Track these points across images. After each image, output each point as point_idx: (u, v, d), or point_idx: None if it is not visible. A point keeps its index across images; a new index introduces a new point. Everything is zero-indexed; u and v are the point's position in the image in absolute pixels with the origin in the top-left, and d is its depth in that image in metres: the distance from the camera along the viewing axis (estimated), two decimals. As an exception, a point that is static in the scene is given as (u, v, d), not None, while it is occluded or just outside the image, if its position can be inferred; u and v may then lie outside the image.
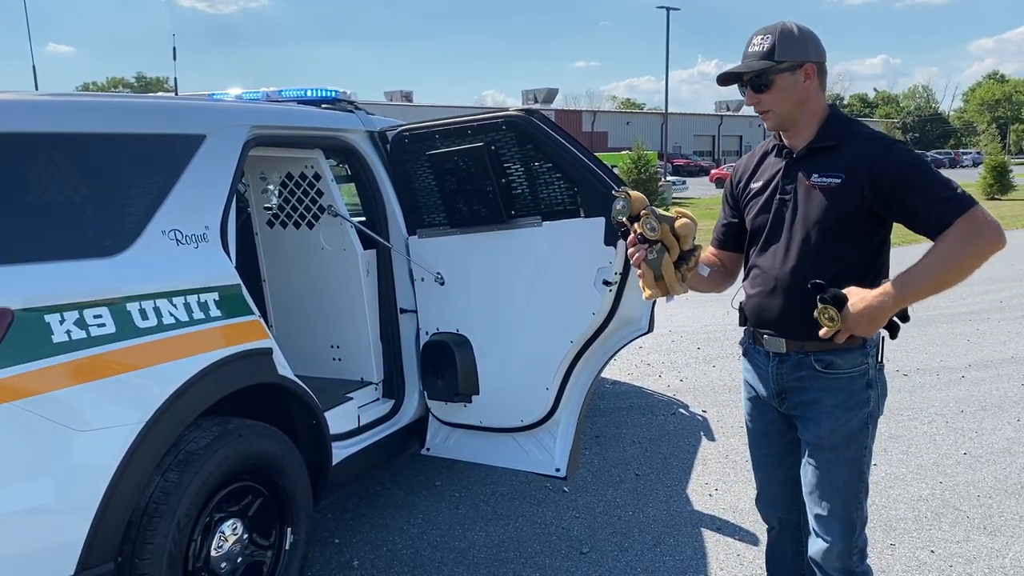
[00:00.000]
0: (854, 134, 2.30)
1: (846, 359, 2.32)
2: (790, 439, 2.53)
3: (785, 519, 2.68)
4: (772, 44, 2.27)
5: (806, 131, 2.35)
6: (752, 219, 2.45)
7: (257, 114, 3.31)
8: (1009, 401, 5.60)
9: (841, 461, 2.35)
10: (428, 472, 4.52)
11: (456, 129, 3.59)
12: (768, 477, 2.65)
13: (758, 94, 2.32)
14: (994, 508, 3.97)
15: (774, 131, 2.41)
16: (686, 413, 5.58)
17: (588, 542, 3.73)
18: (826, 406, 2.34)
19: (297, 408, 3.17)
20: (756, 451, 2.67)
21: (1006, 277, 10.84)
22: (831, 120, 2.35)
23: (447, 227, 3.75)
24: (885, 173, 2.18)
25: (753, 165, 2.52)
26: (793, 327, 2.34)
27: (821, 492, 2.38)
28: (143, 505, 2.48)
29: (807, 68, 2.29)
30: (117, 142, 2.70)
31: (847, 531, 2.37)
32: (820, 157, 2.31)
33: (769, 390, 2.48)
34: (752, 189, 2.48)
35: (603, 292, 3.39)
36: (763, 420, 2.58)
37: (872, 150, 2.22)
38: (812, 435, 2.38)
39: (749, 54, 2.32)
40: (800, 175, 2.32)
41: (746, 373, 2.60)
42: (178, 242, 2.74)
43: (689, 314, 8.58)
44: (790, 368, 2.39)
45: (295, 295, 4.18)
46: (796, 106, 2.31)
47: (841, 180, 2.24)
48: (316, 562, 3.56)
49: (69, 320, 2.32)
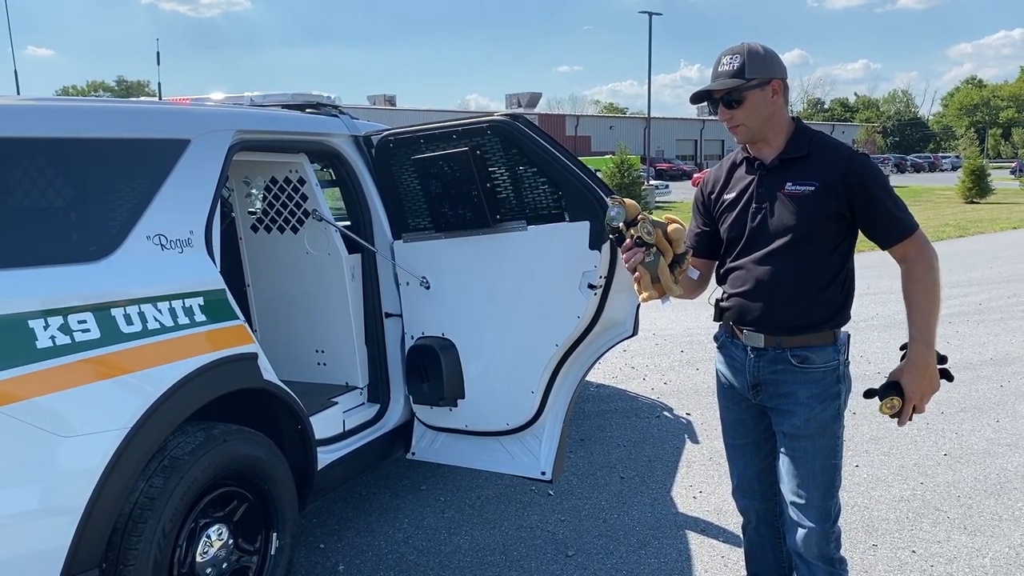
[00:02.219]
0: (821, 144, 2.46)
1: (820, 355, 2.47)
2: (764, 427, 2.65)
3: (762, 511, 2.77)
4: (742, 63, 2.41)
5: (775, 143, 2.49)
6: (728, 229, 2.57)
7: (241, 119, 3.30)
8: (988, 402, 5.66)
9: (816, 450, 2.48)
10: (414, 476, 4.52)
11: (441, 133, 3.60)
12: (745, 465, 2.75)
13: (730, 110, 2.45)
14: (974, 508, 4.02)
15: (743, 144, 2.54)
16: (670, 416, 5.60)
17: (574, 545, 3.74)
18: (801, 398, 2.47)
19: (282, 413, 3.17)
20: (731, 440, 2.77)
21: (984, 280, 10.96)
22: (799, 132, 2.50)
23: (432, 231, 3.76)
24: (856, 180, 2.36)
25: (724, 177, 2.65)
26: (772, 324, 2.48)
27: (799, 481, 2.50)
28: (128, 511, 2.47)
29: (774, 84, 2.44)
30: (102, 147, 2.69)
31: (823, 517, 2.49)
32: (792, 167, 2.45)
33: (744, 382, 2.60)
34: (725, 200, 2.59)
35: (588, 296, 3.41)
36: (737, 409, 2.70)
37: (842, 157, 2.40)
38: (789, 426, 2.50)
39: (720, 73, 2.45)
40: (774, 185, 2.46)
41: (720, 365, 2.73)
42: (163, 247, 2.73)
43: (673, 317, 8.62)
44: (767, 362, 2.52)
45: (280, 300, 4.17)
46: (765, 120, 2.45)
47: (815, 188, 2.39)
48: (302, 567, 3.55)
49: (54, 325, 2.31)
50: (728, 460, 2.83)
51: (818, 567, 2.51)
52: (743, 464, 2.75)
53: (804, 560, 2.53)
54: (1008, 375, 6.29)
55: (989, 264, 12.54)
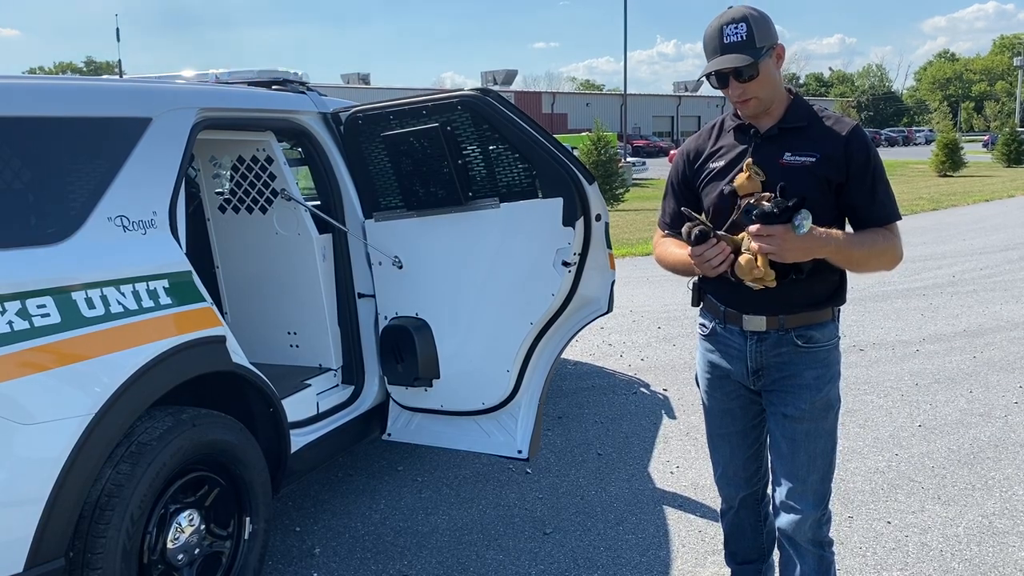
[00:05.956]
0: (820, 115, 2.37)
1: (823, 332, 2.39)
2: (753, 414, 2.57)
3: (746, 496, 2.71)
4: (749, 31, 2.24)
5: (775, 111, 2.37)
6: (715, 198, 2.40)
7: (205, 96, 3.22)
8: (962, 373, 5.71)
9: (819, 432, 2.41)
10: (390, 457, 4.49)
11: (411, 110, 3.54)
12: (731, 455, 2.66)
13: (743, 83, 2.28)
14: (948, 479, 4.06)
15: (752, 117, 2.38)
16: (647, 392, 5.61)
17: (551, 523, 3.74)
18: (807, 380, 2.39)
19: (253, 396, 3.12)
20: (717, 430, 2.67)
21: (957, 252, 11.06)
22: (797, 102, 2.39)
23: (404, 210, 3.71)
24: (859, 156, 2.28)
25: (709, 146, 2.49)
26: (772, 304, 2.36)
27: (799, 465, 2.41)
28: (94, 498, 2.42)
29: (778, 49, 2.32)
30: (59, 126, 2.62)
31: (819, 501, 2.43)
32: (790, 137, 2.33)
33: (742, 369, 2.47)
34: (712, 169, 2.44)
35: (562, 273, 3.38)
36: (726, 399, 2.59)
37: (846, 130, 2.31)
38: (793, 408, 2.40)
39: (729, 45, 2.25)
40: (771, 154, 2.33)
41: (709, 354, 2.58)
42: (125, 228, 2.66)
43: (649, 294, 8.62)
44: (770, 345, 2.41)
45: (250, 281, 4.10)
46: (774, 89, 2.33)
47: (816, 159, 2.29)
48: (277, 551, 3.52)
49: (11, 311, 2.24)
50: (711, 449, 2.73)
51: (808, 551, 2.44)
52: (728, 453, 2.66)
53: (794, 543, 2.46)
54: (981, 346, 6.35)
55: (963, 236, 12.65)
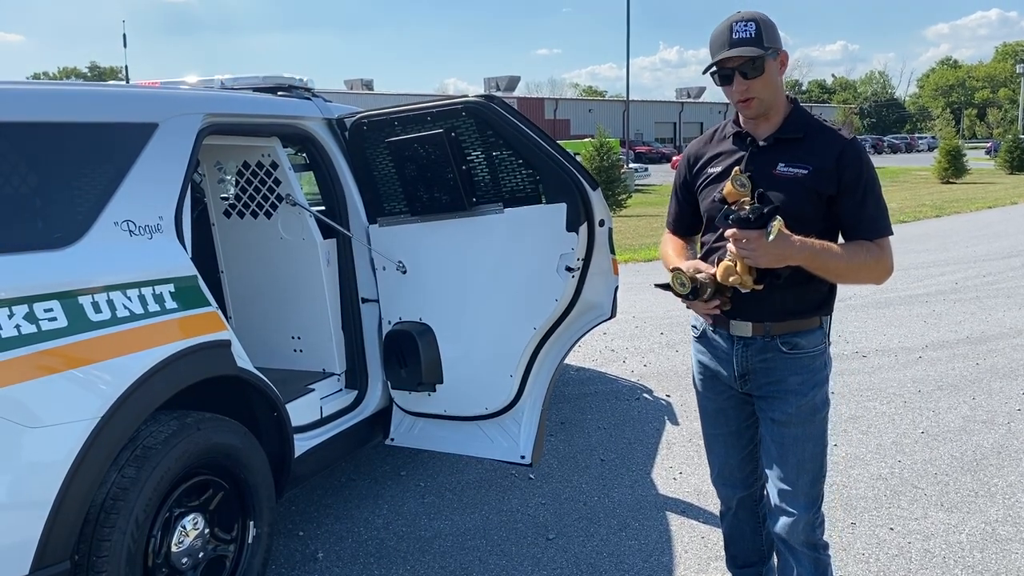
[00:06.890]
0: (817, 128, 2.37)
1: (809, 339, 2.41)
2: (747, 415, 2.60)
3: (743, 497, 2.74)
4: (758, 30, 2.27)
5: (774, 119, 2.39)
6: (711, 204, 2.45)
7: (211, 102, 3.24)
8: (964, 380, 5.71)
9: (807, 436, 2.43)
10: (393, 462, 4.50)
11: (415, 116, 3.56)
12: (726, 455, 2.70)
13: (748, 80, 2.30)
14: (951, 485, 4.05)
15: (753, 119, 2.40)
16: (650, 398, 5.61)
17: (554, 528, 3.74)
18: (792, 385, 2.42)
19: (257, 400, 3.13)
20: (712, 430, 2.72)
21: (960, 259, 11.05)
22: (796, 112, 2.40)
23: (408, 215, 3.72)
24: (851, 171, 2.29)
25: (708, 151, 2.53)
26: (759, 311, 2.39)
27: (788, 468, 2.44)
28: (100, 502, 2.43)
29: (782, 56, 2.34)
30: (66, 131, 2.64)
31: (810, 504, 2.45)
32: (785, 148, 2.35)
33: (730, 372, 2.52)
34: (710, 174, 2.48)
35: (566, 278, 3.39)
36: (719, 399, 2.64)
37: (839, 144, 2.31)
38: (780, 413, 2.43)
39: (737, 40, 2.27)
40: (765, 164, 2.35)
41: (700, 355, 2.66)
42: (131, 233, 2.68)
43: (652, 299, 8.62)
44: (756, 351, 2.44)
45: (254, 286, 4.11)
46: (775, 93, 2.35)
47: (808, 171, 2.30)
48: (280, 555, 3.53)
49: (18, 315, 2.26)
50: (707, 449, 2.77)
51: (803, 553, 2.47)
52: (724, 453, 2.69)
53: (789, 546, 2.49)
54: (984, 353, 6.34)
55: (965, 243, 12.64)
